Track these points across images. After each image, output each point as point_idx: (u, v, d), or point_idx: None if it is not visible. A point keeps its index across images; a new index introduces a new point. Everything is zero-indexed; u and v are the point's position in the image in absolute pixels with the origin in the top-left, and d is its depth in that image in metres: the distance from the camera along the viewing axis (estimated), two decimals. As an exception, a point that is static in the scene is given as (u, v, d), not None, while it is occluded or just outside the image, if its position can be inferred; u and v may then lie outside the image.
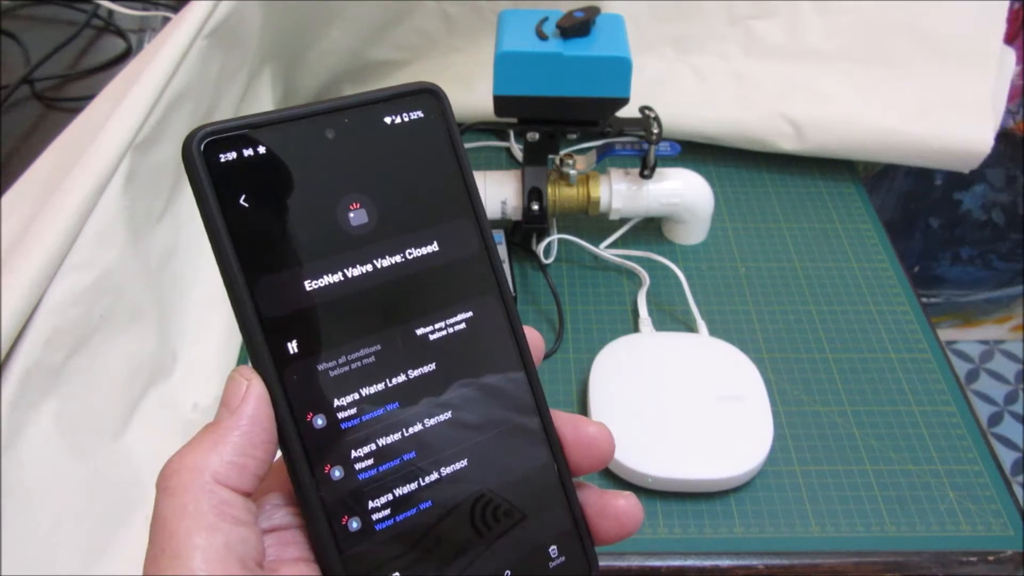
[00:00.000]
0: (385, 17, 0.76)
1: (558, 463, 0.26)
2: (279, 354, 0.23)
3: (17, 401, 0.38)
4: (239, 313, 0.23)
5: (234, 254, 0.23)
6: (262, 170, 0.23)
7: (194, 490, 0.21)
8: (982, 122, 0.72)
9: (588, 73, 0.57)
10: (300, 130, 0.24)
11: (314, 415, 0.23)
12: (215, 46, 0.56)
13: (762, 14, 0.78)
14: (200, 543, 0.21)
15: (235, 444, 0.22)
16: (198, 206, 0.23)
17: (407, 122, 0.25)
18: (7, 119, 0.77)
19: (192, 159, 0.23)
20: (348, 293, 0.24)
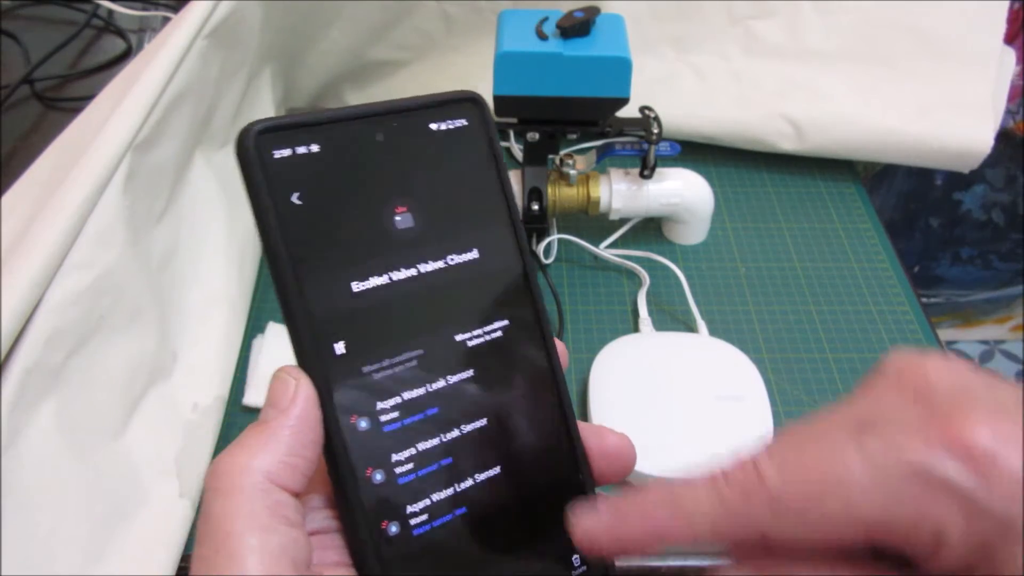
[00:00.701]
0: (385, 17, 0.76)
1: (582, 473, 0.26)
2: (326, 354, 0.23)
3: (17, 401, 0.38)
4: (288, 311, 0.23)
5: (285, 251, 0.23)
6: (314, 168, 0.23)
7: (248, 490, 0.21)
8: (982, 122, 0.72)
9: (588, 73, 0.57)
10: (352, 131, 0.24)
11: (358, 417, 0.23)
12: (215, 46, 0.56)
13: (762, 14, 0.77)
14: (255, 544, 0.20)
15: (287, 443, 0.22)
16: (250, 201, 0.23)
17: (451, 129, 0.26)
18: (7, 119, 0.77)
19: (247, 153, 0.22)
20: (393, 296, 0.24)
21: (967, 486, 0.18)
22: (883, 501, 0.19)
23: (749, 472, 0.20)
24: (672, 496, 0.21)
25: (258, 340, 0.59)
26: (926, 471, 0.18)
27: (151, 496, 0.45)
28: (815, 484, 0.19)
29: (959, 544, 0.18)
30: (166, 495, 0.46)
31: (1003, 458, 0.18)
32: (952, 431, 0.18)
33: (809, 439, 0.20)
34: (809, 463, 0.20)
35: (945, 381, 0.20)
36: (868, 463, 0.19)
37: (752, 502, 0.20)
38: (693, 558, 0.49)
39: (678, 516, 0.21)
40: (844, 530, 0.19)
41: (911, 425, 0.19)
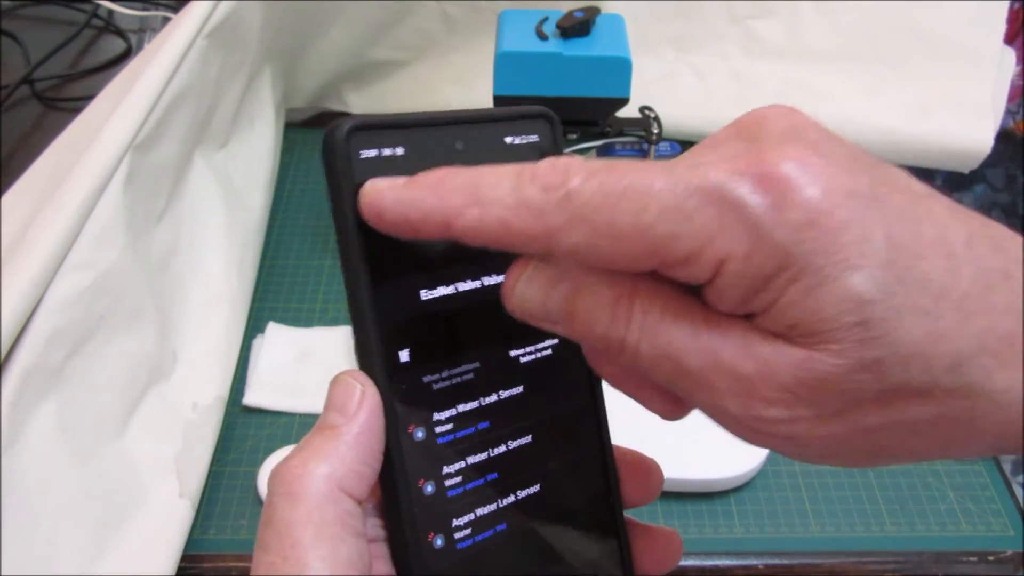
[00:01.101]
0: (385, 17, 0.76)
1: (612, 495, 0.26)
2: (391, 361, 0.23)
3: (17, 401, 0.38)
4: (358, 315, 0.23)
5: (363, 253, 0.22)
6: (397, 171, 0.23)
7: (319, 497, 0.20)
8: (982, 122, 0.72)
9: (588, 73, 0.57)
10: (435, 136, 0.24)
11: (415, 427, 0.23)
12: (215, 46, 0.56)
13: (762, 14, 0.77)
14: (325, 554, 0.20)
15: (356, 451, 0.21)
16: (332, 199, 0.22)
17: (523, 144, 0.26)
18: (7, 119, 0.77)
19: (336, 151, 0.22)
20: (457, 308, 0.24)
21: (756, 210, 0.17)
22: (674, 216, 0.18)
23: (557, 171, 0.19)
24: (474, 179, 0.20)
25: (258, 340, 0.59)
26: (721, 192, 0.18)
27: (151, 496, 0.45)
28: (614, 191, 0.18)
29: (738, 273, 0.18)
30: (166, 495, 0.46)
31: (799, 188, 0.17)
32: (759, 159, 0.18)
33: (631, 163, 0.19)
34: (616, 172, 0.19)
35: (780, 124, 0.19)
36: (670, 180, 0.18)
37: (549, 199, 0.19)
38: (693, 558, 0.50)
39: (472, 200, 0.20)
40: (631, 244, 0.18)
41: (725, 155, 0.19)
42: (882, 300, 0.17)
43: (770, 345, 0.18)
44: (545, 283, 0.21)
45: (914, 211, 0.18)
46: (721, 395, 0.19)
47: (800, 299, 0.18)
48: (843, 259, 0.17)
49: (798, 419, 0.18)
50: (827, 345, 0.18)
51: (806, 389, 0.18)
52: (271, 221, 0.69)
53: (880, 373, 0.18)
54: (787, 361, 0.18)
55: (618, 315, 0.20)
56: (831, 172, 0.18)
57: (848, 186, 0.18)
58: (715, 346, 0.19)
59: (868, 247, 0.17)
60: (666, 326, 0.19)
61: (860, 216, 0.18)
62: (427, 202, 0.20)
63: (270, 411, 0.56)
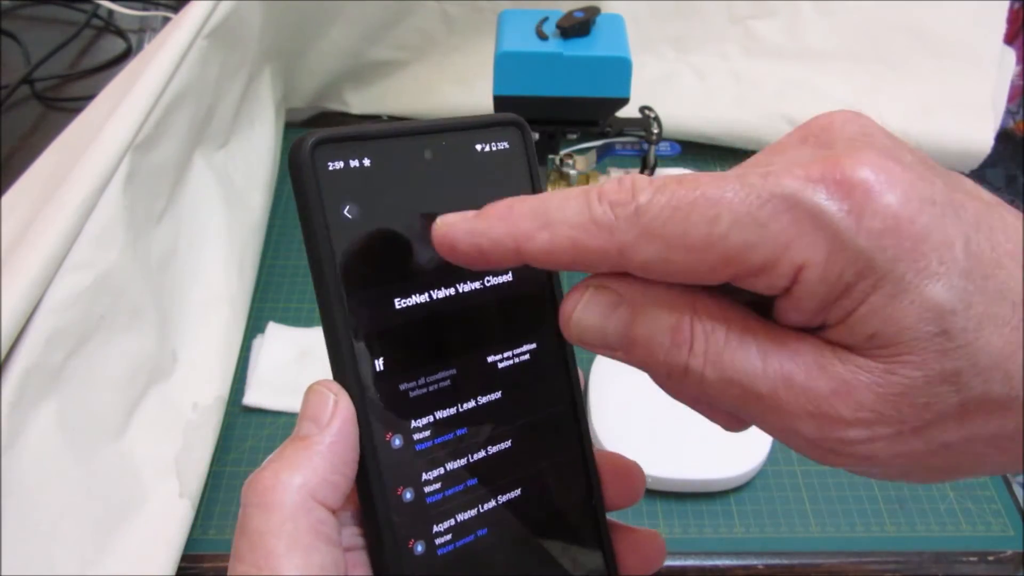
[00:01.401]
0: (385, 17, 0.76)
1: (595, 498, 0.27)
2: (365, 370, 0.23)
3: (17, 401, 0.38)
4: (330, 326, 0.23)
5: (333, 264, 0.22)
6: (365, 182, 0.23)
7: (292, 508, 0.21)
8: (982, 122, 0.72)
9: (588, 73, 0.57)
10: (403, 146, 0.24)
11: (392, 435, 0.23)
12: (215, 46, 0.56)
13: (762, 14, 0.78)
14: (298, 564, 0.20)
15: (329, 461, 0.21)
16: (300, 212, 0.23)
17: (494, 151, 0.26)
18: (7, 119, 0.77)
19: (302, 164, 0.22)
20: (431, 315, 0.24)
21: (835, 216, 0.17)
22: (748, 225, 0.17)
23: (624, 188, 0.19)
24: (542, 203, 0.20)
25: (258, 340, 0.59)
26: (797, 199, 0.17)
27: (151, 496, 0.45)
28: (683, 203, 0.18)
29: (816, 281, 0.17)
30: (166, 495, 0.46)
31: (879, 194, 0.17)
32: (834, 165, 0.17)
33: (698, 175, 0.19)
34: (685, 185, 0.18)
35: (848, 129, 0.19)
36: (742, 189, 0.18)
37: (618, 215, 0.18)
38: (693, 558, 0.50)
39: (541, 223, 0.19)
40: (704, 256, 0.18)
41: (797, 161, 0.18)
42: (963, 310, 0.17)
43: (846, 362, 0.18)
44: (604, 308, 0.20)
45: (989, 218, 0.18)
46: (795, 418, 0.18)
47: (880, 308, 0.17)
48: (924, 267, 0.17)
49: (878, 438, 0.18)
50: (907, 356, 0.17)
51: (886, 405, 0.18)
52: (271, 221, 0.69)
53: (960, 385, 0.17)
54: (865, 378, 0.18)
55: (679, 341, 0.19)
56: (908, 178, 0.18)
57: (926, 192, 0.17)
58: (786, 368, 0.18)
59: (948, 255, 0.17)
60: (731, 349, 0.19)
61: (939, 223, 0.17)
62: (497, 230, 0.20)
63: (270, 411, 0.56)
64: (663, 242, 0.18)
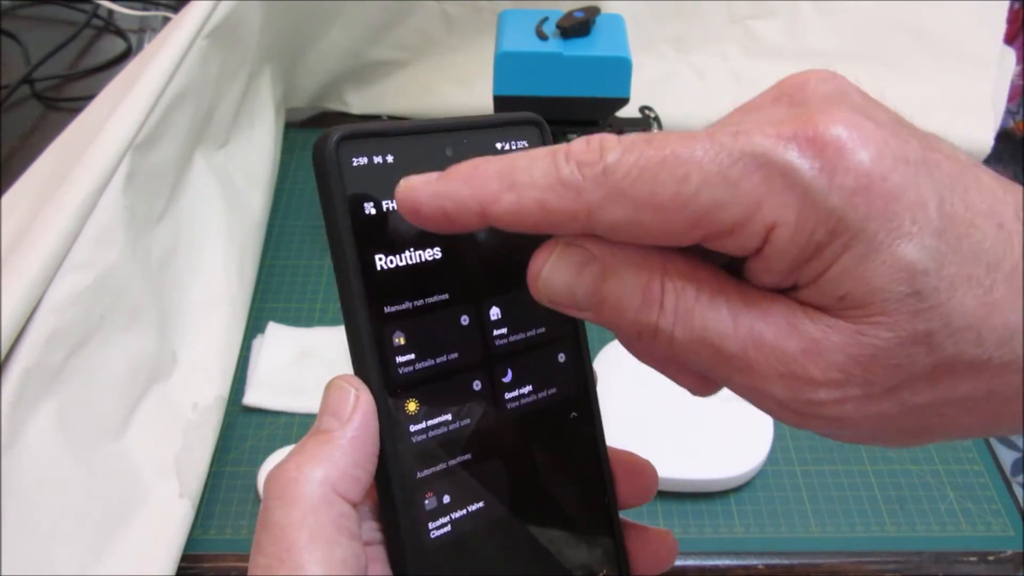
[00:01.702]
0: (385, 17, 0.76)
1: (608, 496, 0.27)
2: (386, 366, 0.23)
3: (17, 401, 0.38)
4: (352, 321, 0.23)
5: (356, 260, 0.22)
6: (389, 178, 0.23)
7: (314, 501, 0.21)
8: (982, 122, 0.72)
9: (588, 73, 0.57)
10: (425, 144, 0.24)
11: (412, 429, 0.23)
12: (215, 46, 0.56)
13: (762, 14, 0.78)
14: (320, 557, 0.20)
15: (350, 455, 0.21)
16: (324, 207, 0.23)
17: (514, 150, 0.26)
18: (7, 119, 0.77)
19: (326, 160, 0.22)
20: (452, 310, 0.24)
21: (806, 175, 0.17)
22: (718, 184, 0.17)
23: (592, 148, 0.18)
24: (508, 164, 0.19)
25: (258, 340, 0.59)
26: (768, 156, 0.17)
27: (151, 496, 0.45)
28: (652, 162, 0.17)
29: (787, 241, 0.17)
30: (166, 495, 0.46)
31: (851, 152, 0.17)
32: (807, 123, 0.17)
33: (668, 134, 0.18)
34: (655, 146, 0.18)
35: (822, 89, 0.19)
36: (712, 147, 0.17)
37: (585, 175, 0.18)
38: (693, 558, 0.50)
39: (507, 185, 0.19)
40: (673, 217, 0.17)
41: (770, 119, 0.18)
42: (935, 270, 0.17)
43: (817, 322, 0.18)
44: (572, 268, 0.20)
45: (963, 179, 0.18)
46: (765, 379, 0.18)
47: (852, 268, 0.17)
48: (896, 227, 0.17)
49: (848, 399, 0.18)
50: (878, 317, 0.17)
51: (857, 366, 0.17)
52: (271, 221, 0.69)
53: (932, 346, 0.17)
54: (836, 338, 0.17)
55: (649, 299, 0.19)
56: (882, 136, 0.17)
57: (900, 151, 0.17)
58: (756, 327, 0.18)
59: (921, 214, 0.17)
60: (701, 309, 0.18)
61: (913, 182, 0.17)
62: (462, 192, 0.19)
63: (270, 411, 0.56)
64: (631, 202, 0.18)
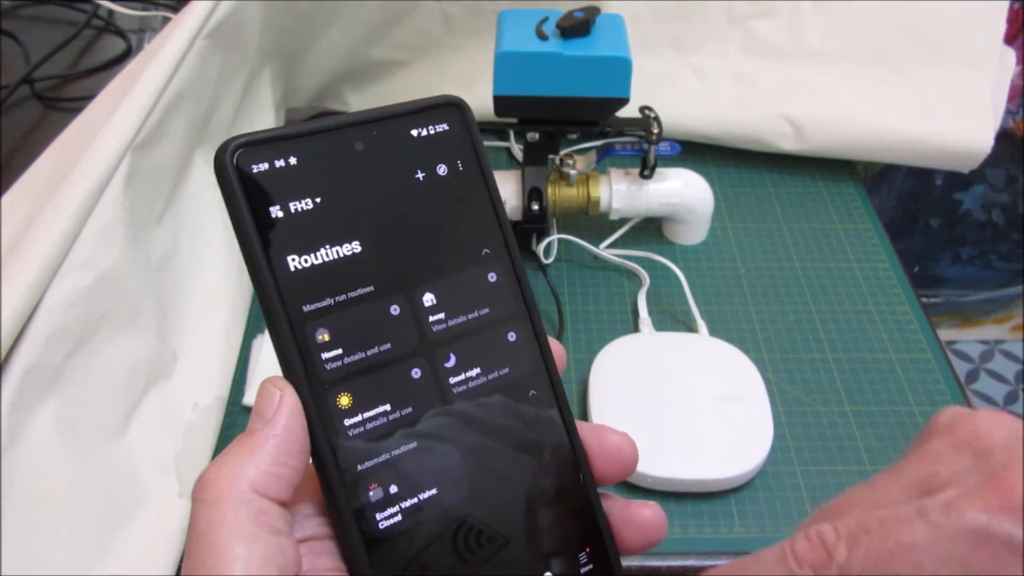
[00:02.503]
0: (385, 17, 0.76)
1: (583, 472, 0.26)
2: (310, 363, 0.23)
3: (17, 401, 0.38)
4: (271, 324, 0.23)
5: (266, 265, 0.23)
6: (294, 181, 0.23)
7: (232, 500, 0.21)
8: (982, 122, 0.72)
9: (588, 73, 0.57)
10: (330, 142, 0.24)
11: (345, 423, 0.23)
12: (215, 46, 0.56)
13: (762, 14, 0.78)
14: (240, 553, 0.21)
15: (271, 454, 0.22)
16: (230, 216, 0.23)
17: (432, 135, 0.26)
18: (7, 119, 0.77)
19: (225, 169, 0.23)
20: (374, 302, 0.24)
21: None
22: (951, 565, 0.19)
23: (816, 547, 0.20)
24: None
25: (258, 340, 0.59)
26: (988, 533, 0.18)
27: (151, 496, 0.45)
28: (883, 555, 0.19)
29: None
30: (166, 495, 0.46)
31: None
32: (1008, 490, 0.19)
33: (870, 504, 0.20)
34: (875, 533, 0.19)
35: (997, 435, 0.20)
36: (932, 528, 0.19)
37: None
38: (693, 558, 0.50)
39: None
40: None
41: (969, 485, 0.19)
42: None
43: None
44: None
45: None
46: None
47: None
48: None
49: None
50: None
51: None
52: (271, 221, 0.69)
53: None
54: None
55: None
56: None
57: None
58: None
59: None
60: None
61: None
62: None
63: (270, 411, 0.56)
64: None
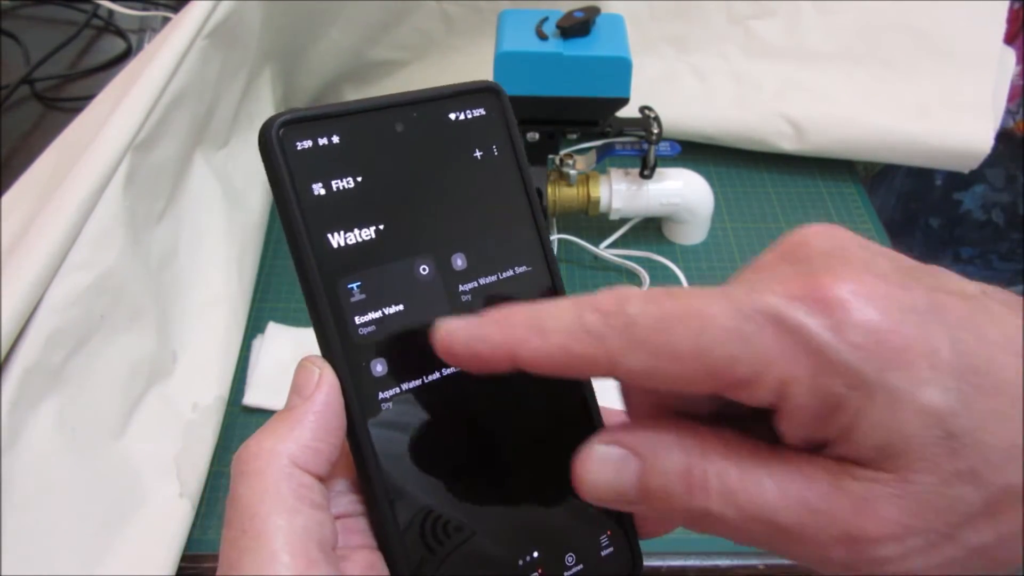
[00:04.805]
0: (385, 17, 0.76)
1: None
2: (349, 342, 0.23)
3: (17, 401, 0.38)
4: (312, 302, 0.23)
5: (308, 242, 0.23)
6: (336, 158, 0.24)
7: (274, 473, 0.22)
8: (982, 122, 0.72)
9: (588, 73, 0.57)
10: (372, 121, 0.24)
11: (381, 401, 0.24)
12: (215, 46, 0.56)
13: (762, 14, 0.78)
14: (282, 524, 0.21)
15: (311, 429, 0.22)
16: (274, 192, 0.23)
17: (470, 119, 0.26)
18: (7, 119, 0.77)
19: (270, 145, 0.23)
20: (412, 282, 0.24)
21: (816, 334, 0.18)
22: (732, 340, 0.18)
23: (616, 298, 0.20)
24: (537, 311, 0.21)
25: (258, 340, 0.59)
26: (779, 315, 0.18)
27: (151, 496, 0.45)
28: (672, 314, 0.19)
29: (804, 396, 0.18)
30: (166, 495, 0.46)
31: (858, 309, 0.18)
32: (813, 282, 0.18)
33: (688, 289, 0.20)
34: (674, 300, 0.19)
35: (822, 245, 0.20)
36: (727, 304, 0.19)
37: (608, 323, 0.19)
38: (694, 558, 0.50)
39: (535, 331, 0.20)
40: (690, 367, 0.19)
41: (778, 278, 0.19)
42: (963, 410, 0.17)
43: (860, 479, 0.18)
44: (610, 467, 0.21)
45: (974, 317, 0.18)
46: (824, 546, 0.19)
47: (881, 419, 0.18)
48: (915, 374, 0.17)
49: (912, 552, 0.18)
50: (918, 463, 0.18)
51: (910, 515, 0.18)
52: (271, 221, 0.69)
53: (979, 482, 0.17)
54: (883, 491, 0.18)
55: (694, 486, 0.20)
56: (886, 289, 0.18)
57: (906, 301, 0.18)
58: (804, 495, 0.19)
59: (936, 359, 0.18)
60: (746, 486, 0.19)
61: (922, 330, 0.18)
62: (493, 336, 0.21)
63: (270, 411, 0.56)
64: (651, 351, 0.19)
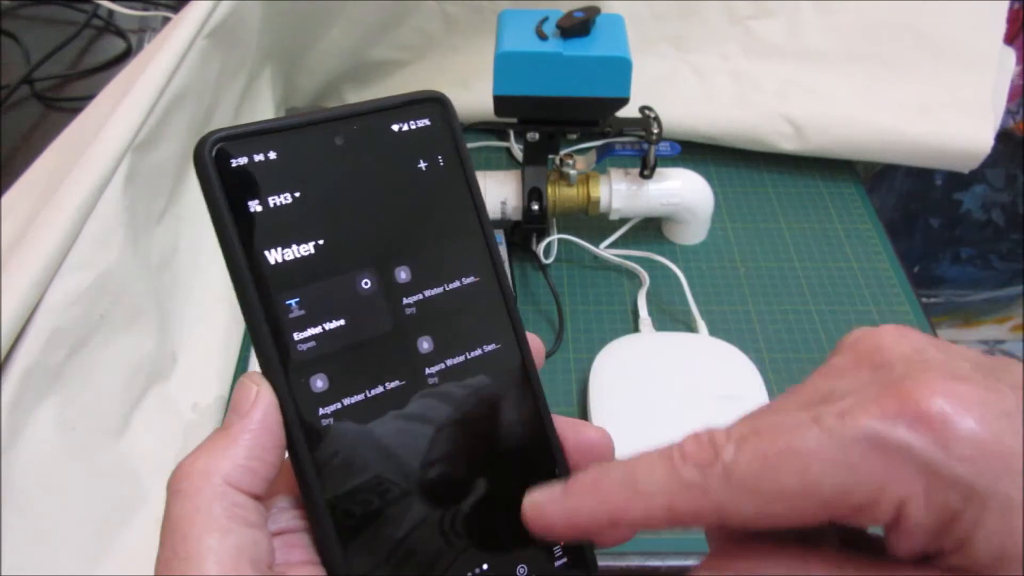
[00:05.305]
0: (385, 17, 0.76)
1: (559, 468, 0.26)
2: (286, 357, 0.23)
3: (17, 401, 0.38)
4: (250, 319, 0.23)
5: (244, 258, 0.23)
6: (272, 175, 0.23)
7: (206, 492, 0.22)
8: (982, 122, 0.72)
9: (588, 73, 0.57)
10: (310, 136, 0.24)
11: (321, 417, 0.23)
12: (215, 46, 0.56)
13: (762, 14, 0.77)
14: (213, 545, 0.21)
15: (246, 447, 0.22)
16: (209, 210, 0.23)
17: (413, 130, 0.25)
18: (7, 119, 0.77)
19: (204, 163, 0.23)
20: (351, 296, 0.24)
21: (924, 451, 0.18)
22: (839, 471, 0.18)
23: (705, 446, 0.20)
24: (628, 474, 0.20)
25: (258, 340, 0.59)
26: (881, 439, 0.18)
27: (151, 496, 0.45)
28: (771, 456, 0.19)
29: (921, 513, 0.18)
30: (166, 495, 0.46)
31: (957, 421, 0.18)
32: (906, 398, 0.18)
33: (766, 415, 0.20)
34: (765, 436, 0.19)
35: (899, 349, 0.20)
36: (824, 433, 0.18)
37: (708, 475, 0.19)
38: (694, 558, 0.49)
39: (634, 495, 0.20)
40: (802, 504, 0.18)
41: (866, 394, 0.19)
42: None
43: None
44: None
45: None
46: None
47: (999, 528, 0.18)
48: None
49: None
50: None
51: None
52: (271, 221, 0.69)
53: None
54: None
55: None
56: (978, 395, 0.18)
57: (998, 407, 0.18)
58: None
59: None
60: None
61: (1020, 432, 0.18)
62: (590, 506, 0.21)
63: (270, 411, 0.56)
64: (759, 496, 0.19)
